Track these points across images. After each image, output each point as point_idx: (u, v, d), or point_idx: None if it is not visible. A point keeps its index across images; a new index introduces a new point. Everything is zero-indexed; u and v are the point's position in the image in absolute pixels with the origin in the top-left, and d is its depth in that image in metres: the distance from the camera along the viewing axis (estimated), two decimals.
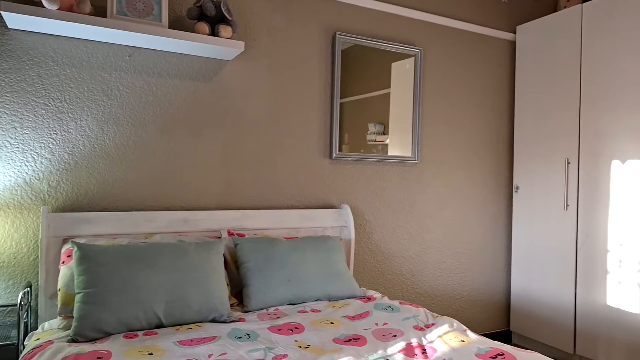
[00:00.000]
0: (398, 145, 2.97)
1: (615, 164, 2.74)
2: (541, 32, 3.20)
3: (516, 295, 3.33)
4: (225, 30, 2.14)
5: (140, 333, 1.70)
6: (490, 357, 1.60)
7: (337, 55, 2.68)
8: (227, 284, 2.09)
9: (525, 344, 3.27)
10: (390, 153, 2.93)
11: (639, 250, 2.62)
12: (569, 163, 3.00)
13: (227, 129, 2.42)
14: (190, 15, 2.13)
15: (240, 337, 1.70)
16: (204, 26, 2.10)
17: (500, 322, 3.40)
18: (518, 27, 3.37)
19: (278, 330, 1.78)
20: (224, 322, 1.85)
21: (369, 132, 2.89)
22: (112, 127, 2.16)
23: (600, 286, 2.80)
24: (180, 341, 1.62)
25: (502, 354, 1.62)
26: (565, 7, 3.25)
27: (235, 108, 2.44)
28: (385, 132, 2.93)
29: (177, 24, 2.23)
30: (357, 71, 2.81)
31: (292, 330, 1.79)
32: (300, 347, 1.64)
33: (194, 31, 2.11)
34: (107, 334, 1.67)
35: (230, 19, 2.16)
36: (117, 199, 2.17)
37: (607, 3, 2.81)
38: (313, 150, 2.66)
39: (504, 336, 3.36)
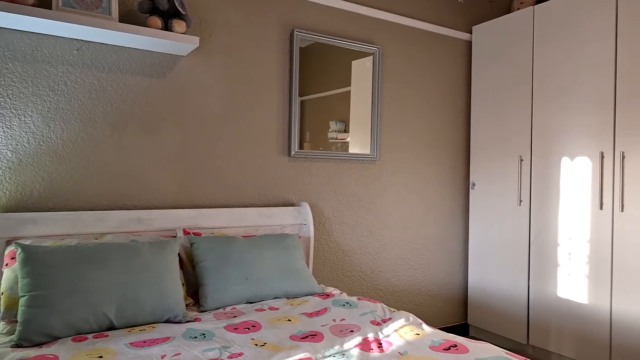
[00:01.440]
0: (359, 143, 2.99)
1: (565, 161, 2.85)
2: (496, 32, 3.29)
3: (473, 289, 3.41)
4: (178, 24, 2.09)
5: (90, 336, 1.65)
6: (443, 349, 1.63)
7: (295, 52, 2.67)
8: (183, 284, 2.05)
9: (482, 336, 3.36)
10: (351, 151, 2.95)
11: (586, 243, 2.73)
12: (522, 160, 3.09)
13: (182, 126, 2.37)
14: (142, 8, 2.07)
15: (195, 337, 1.67)
16: (157, 20, 2.05)
17: (458, 315, 3.47)
18: (474, 28, 3.45)
19: (234, 329, 1.77)
20: (179, 322, 1.82)
21: (330, 130, 2.89)
22: (60, 124, 2.07)
23: (552, 278, 2.90)
24: (132, 343, 1.58)
25: (455, 346, 1.66)
26: (518, 8, 3.34)
27: (191, 105, 2.39)
28: (346, 130, 2.94)
29: (128, 17, 2.16)
30: (318, 69, 2.81)
31: (248, 328, 1.78)
32: (256, 345, 1.63)
33: (146, 25, 2.05)
34: (55, 338, 1.61)
35: (184, 13, 2.11)
36: (65, 198, 2.09)
37: (557, 5, 2.91)
38: (271, 148, 2.64)
39: (461, 329, 3.43)
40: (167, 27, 2.09)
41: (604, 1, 2.66)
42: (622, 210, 2.58)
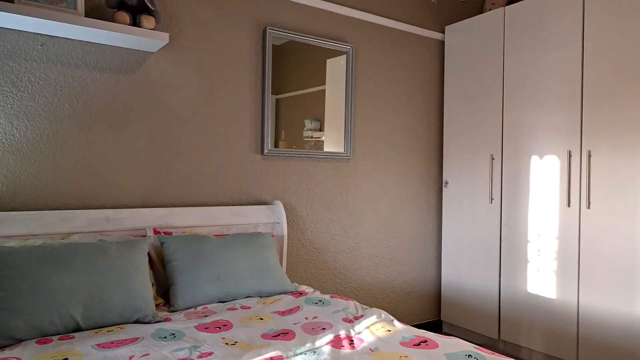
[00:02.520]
0: (334, 141, 2.99)
1: (535, 159, 2.90)
2: (468, 33, 3.33)
3: (446, 286, 3.46)
4: (147, 20, 2.05)
5: (55, 338, 1.61)
6: (414, 345, 1.65)
7: (268, 50, 2.65)
8: (153, 284, 2.03)
9: (455, 331, 3.40)
10: (326, 149, 2.95)
11: (555, 240, 2.79)
12: (493, 159, 3.14)
13: (152, 123, 2.33)
14: (110, 3, 2.03)
15: (165, 337, 1.65)
16: (125, 16, 2.01)
17: (431, 312, 3.51)
18: (446, 27, 3.49)
19: (205, 328, 1.75)
20: (149, 322, 1.79)
21: (305, 129, 2.89)
22: (23, 121, 2.01)
23: (522, 274, 2.96)
24: (99, 344, 1.55)
25: (426, 341, 1.67)
26: (490, 9, 3.39)
27: (161, 102, 2.35)
28: (322, 129, 2.94)
29: (95, 12, 2.11)
30: (293, 67, 2.80)
31: (219, 327, 1.76)
32: (227, 344, 1.62)
33: (113, 21, 2.01)
34: (18, 341, 1.57)
35: (153, 8, 2.08)
36: (30, 197, 2.03)
37: (526, 7, 2.97)
38: (244, 146, 2.62)
39: (435, 325, 3.47)
40: (135, 23, 2.06)
41: (571, 4, 2.73)
42: (589, 208, 2.64)
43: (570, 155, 2.73)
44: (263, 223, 2.55)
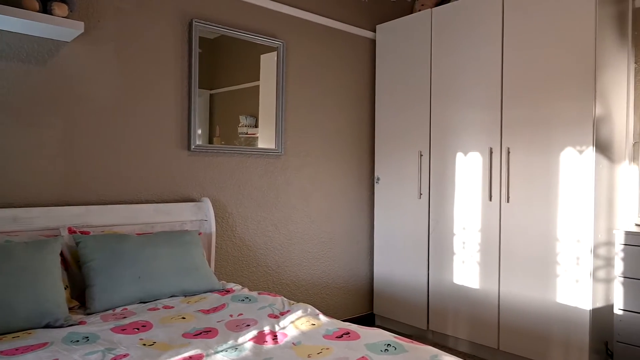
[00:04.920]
0: (268, 138, 2.97)
1: (459, 156, 3.02)
2: (398, 32, 3.41)
3: (378, 280, 3.53)
4: (59, 8, 1.94)
5: None
6: (336, 337, 1.67)
7: (194, 43, 2.59)
8: (67, 286, 1.92)
9: (387, 324, 3.48)
10: (260, 146, 2.92)
11: (478, 232, 2.92)
12: (421, 156, 3.24)
13: (67, 117, 2.20)
14: None
15: (77, 341, 1.57)
16: (33, 2, 1.89)
17: (364, 306, 3.57)
18: (377, 27, 3.55)
19: (122, 330, 1.68)
20: (60, 326, 1.70)
21: (240, 125, 2.85)
22: None
23: (448, 266, 3.07)
24: (1, 351, 1.45)
25: (348, 333, 1.70)
26: (419, 9, 3.49)
27: (77, 94, 2.23)
28: (257, 125, 2.91)
29: None
30: (227, 62, 2.75)
31: (138, 329, 1.70)
32: (144, 345, 1.57)
33: (21, 7, 1.88)
34: None
35: None
36: None
37: (451, 10, 3.08)
38: (169, 142, 2.54)
39: (367, 319, 3.54)
40: (45, 10, 1.94)
41: (492, 9, 2.86)
42: (508, 201, 2.78)
43: (491, 152, 2.86)
44: (190, 221, 2.48)
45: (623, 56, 2.76)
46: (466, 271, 2.98)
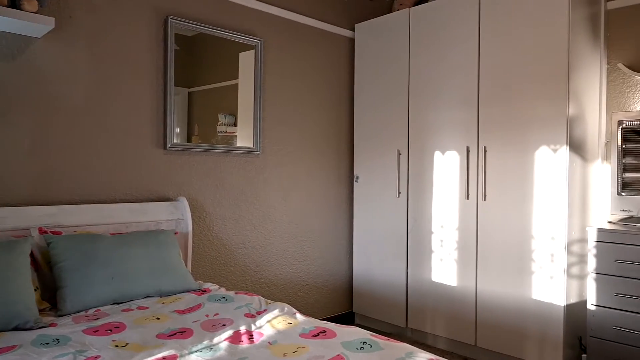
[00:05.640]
0: (247, 136, 2.95)
1: (437, 155, 3.05)
2: (376, 31, 3.42)
3: (357, 278, 3.54)
4: (29, 3, 1.89)
5: None
6: (312, 335, 1.67)
7: (170, 40, 2.55)
8: (37, 288, 1.87)
9: (366, 322, 3.49)
10: (239, 144, 2.90)
11: (455, 231, 2.95)
12: (400, 154, 3.26)
13: (38, 115, 2.15)
14: None
15: (47, 344, 1.54)
16: None
17: (344, 304, 3.57)
18: (356, 26, 3.56)
19: (94, 331, 1.65)
20: (30, 329, 1.66)
21: (219, 123, 2.83)
22: None
23: (426, 264, 3.09)
24: None
25: (324, 331, 1.70)
26: (398, 9, 3.50)
27: (49, 92, 2.18)
28: (236, 124, 2.89)
29: None
30: (205, 60, 2.73)
31: (111, 330, 1.67)
32: (117, 346, 1.55)
33: None
34: None
35: None
36: None
37: (429, 10, 3.10)
38: (145, 140, 2.50)
39: (347, 318, 3.54)
40: (15, 5, 1.89)
41: (469, 10, 2.88)
42: (485, 200, 2.81)
43: (468, 151, 2.89)
44: (166, 220, 2.45)
45: (596, 57, 2.82)
46: (444, 269, 3.00)
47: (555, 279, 2.54)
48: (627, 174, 2.66)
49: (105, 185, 2.36)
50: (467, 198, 2.89)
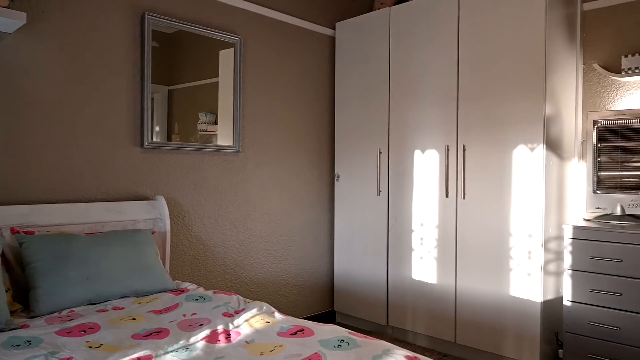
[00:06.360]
0: (227, 135, 2.93)
1: (417, 153, 3.06)
2: (357, 30, 3.43)
3: (339, 277, 3.54)
4: None
5: None
6: (290, 334, 1.66)
7: (147, 37, 2.51)
8: (8, 289, 1.83)
9: (347, 321, 3.49)
10: (219, 143, 2.88)
11: (435, 229, 2.96)
12: (380, 153, 3.27)
13: (9, 111, 2.10)
14: None
15: (19, 345, 1.50)
16: None
17: (325, 303, 3.57)
18: (337, 24, 3.56)
19: (68, 332, 1.62)
20: (1, 330, 1.62)
21: (199, 122, 2.80)
22: None
23: (407, 262, 3.11)
24: None
25: (302, 330, 1.69)
26: (379, 8, 3.50)
27: (21, 88, 2.13)
28: (217, 122, 2.87)
29: None
30: (185, 57, 2.70)
31: (85, 331, 1.64)
32: (91, 347, 1.52)
33: None
34: None
35: None
36: None
37: (409, 9, 3.12)
38: (121, 139, 2.46)
39: (328, 316, 3.54)
40: None
41: (448, 9, 2.90)
42: (464, 198, 2.84)
43: (448, 150, 2.91)
44: (143, 219, 2.42)
45: (572, 58, 2.86)
46: (424, 267, 3.02)
47: (532, 276, 2.57)
48: (602, 173, 2.71)
49: (80, 184, 2.32)
50: (447, 196, 2.92)
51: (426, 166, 3.02)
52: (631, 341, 2.34)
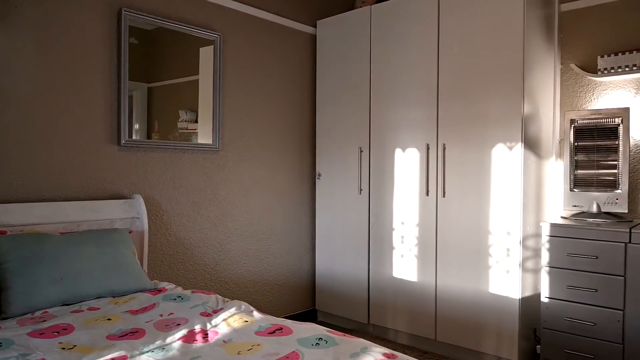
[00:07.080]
0: (207, 133, 2.90)
1: (398, 152, 3.07)
2: (338, 28, 3.42)
3: (320, 275, 3.53)
4: None
5: None
6: (268, 333, 1.65)
7: (123, 33, 2.47)
8: None
9: (328, 319, 3.49)
10: (200, 141, 2.85)
11: (416, 227, 2.98)
12: (361, 151, 3.27)
13: None
14: None
15: None
16: None
17: (306, 302, 3.56)
18: (318, 22, 3.55)
19: (40, 334, 1.58)
20: None
21: (180, 120, 2.77)
22: None
23: (388, 261, 3.12)
24: None
25: (281, 329, 1.69)
26: (360, 6, 3.50)
27: None
28: (197, 120, 2.83)
29: None
30: (165, 54, 2.66)
31: (58, 332, 1.61)
32: (64, 348, 1.49)
33: None
34: None
35: None
36: None
37: (389, 8, 3.12)
38: (97, 136, 2.41)
39: (310, 315, 3.53)
40: None
41: (428, 8, 2.92)
42: (444, 196, 2.86)
43: (428, 148, 2.92)
44: (120, 219, 2.38)
45: (550, 57, 2.90)
46: (405, 265, 3.03)
47: (511, 273, 2.60)
48: (578, 171, 2.75)
49: (55, 182, 2.27)
50: (427, 195, 2.93)
51: (407, 165, 3.03)
52: (606, 336, 2.38)
